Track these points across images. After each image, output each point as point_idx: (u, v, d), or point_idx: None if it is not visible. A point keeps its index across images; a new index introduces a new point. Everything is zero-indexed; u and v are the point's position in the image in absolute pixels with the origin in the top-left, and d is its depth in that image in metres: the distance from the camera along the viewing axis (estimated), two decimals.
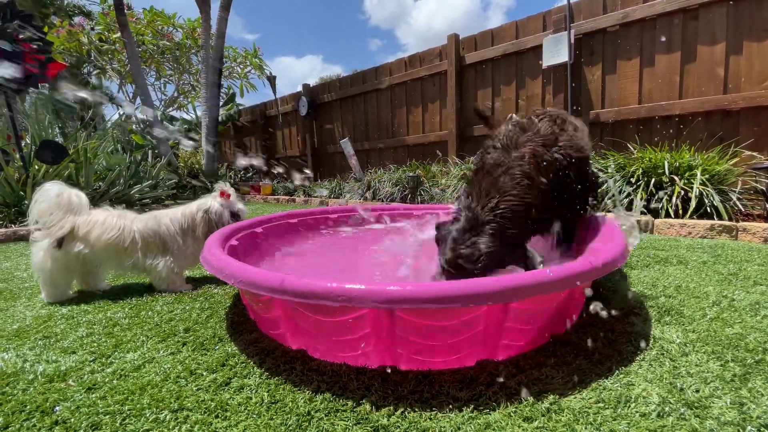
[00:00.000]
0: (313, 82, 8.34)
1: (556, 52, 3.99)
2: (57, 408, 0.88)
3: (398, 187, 4.87)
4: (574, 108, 4.07)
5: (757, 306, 1.31)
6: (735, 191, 2.70)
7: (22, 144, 3.77)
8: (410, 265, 1.54)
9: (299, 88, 7.92)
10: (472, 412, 0.81)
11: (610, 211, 3.01)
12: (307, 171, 7.60)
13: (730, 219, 2.56)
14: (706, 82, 3.37)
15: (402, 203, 4.64)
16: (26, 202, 3.55)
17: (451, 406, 0.83)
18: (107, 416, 0.84)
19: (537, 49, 4.33)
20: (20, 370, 1.05)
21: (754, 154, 3.00)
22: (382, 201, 4.92)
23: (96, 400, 0.90)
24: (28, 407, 0.88)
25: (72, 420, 0.83)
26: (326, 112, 7.56)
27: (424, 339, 0.94)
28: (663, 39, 3.53)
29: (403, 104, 6.08)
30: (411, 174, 4.64)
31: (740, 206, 2.66)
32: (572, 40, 3.89)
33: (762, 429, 0.74)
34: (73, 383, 0.98)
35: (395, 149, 6.30)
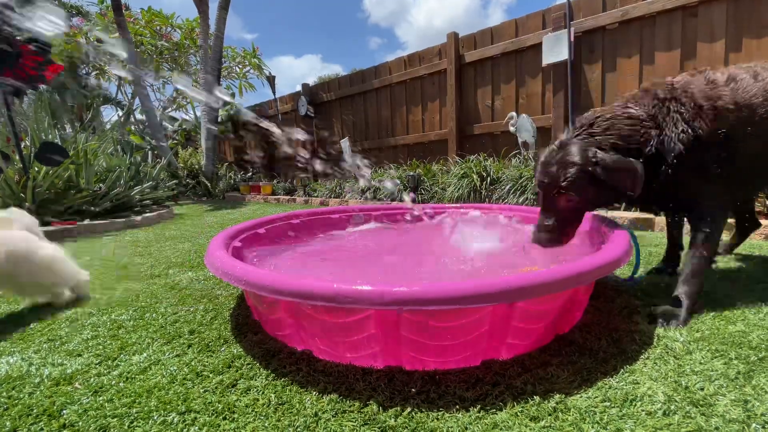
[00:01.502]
0: (312, 81, 8.33)
1: (556, 50, 3.99)
2: (64, 411, 0.88)
3: (398, 186, 4.87)
4: (574, 106, 4.07)
5: (759, 303, 1.31)
6: None
7: (22, 145, 3.76)
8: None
9: (298, 88, 7.91)
10: (479, 412, 0.82)
11: (613, 208, 3.01)
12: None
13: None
14: None
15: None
16: (26, 203, 3.55)
17: (457, 407, 0.84)
18: (115, 419, 0.84)
19: (537, 47, 4.32)
20: (26, 374, 1.05)
21: None
22: (383, 201, 4.92)
23: (103, 403, 0.90)
24: (35, 411, 0.89)
25: (80, 423, 0.84)
26: (326, 111, 7.55)
27: (430, 339, 0.95)
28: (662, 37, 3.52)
29: (402, 103, 6.08)
30: (411, 173, 4.64)
31: None
32: (572, 38, 3.89)
33: (766, 426, 0.75)
34: (80, 386, 0.98)
35: (395, 148, 6.30)
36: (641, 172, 1.20)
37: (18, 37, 3.51)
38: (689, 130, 1.23)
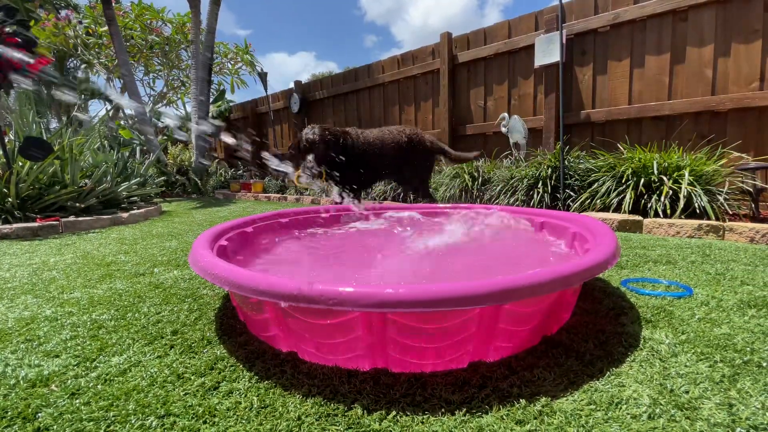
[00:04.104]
0: (305, 78, 8.27)
1: (547, 51, 4.00)
2: (39, 414, 0.85)
3: (390, 186, 4.86)
4: (565, 107, 4.09)
5: (744, 306, 1.33)
6: (722, 191, 2.74)
7: (6, 140, 3.68)
8: None
9: (291, 85, 7.86)
10: (464, 415, 0.81)
11: (602, 210, 3.03)
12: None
13: (718, 219, 2.60)
14: (694, 84, 3.41)
15: (394, 202, 4.63)
16: (9, 199, 3.47)
17: (443, 410, 0.83)
18: (91, 423, 0.82)
19: (529, 49, 4.34)
20: (1, 375, 1.02)
21: (742, 155, 3.05)
22: (375, 200, 4.90)
23: (80, 406, 0.88)
24: (10, 413, 0.86)
25: (55, 427, 0.81)
26: (318, 109, 7.51)
27: (416, 341, 0.94)
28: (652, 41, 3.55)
29: (395, 102, 6.07)
30: None
31: (727, 206, 2.70)
32: (564, 40, 3.91)
33: (751, 430, 0.75)
34: (56, 388, 0.95)
35: None
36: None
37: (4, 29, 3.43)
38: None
